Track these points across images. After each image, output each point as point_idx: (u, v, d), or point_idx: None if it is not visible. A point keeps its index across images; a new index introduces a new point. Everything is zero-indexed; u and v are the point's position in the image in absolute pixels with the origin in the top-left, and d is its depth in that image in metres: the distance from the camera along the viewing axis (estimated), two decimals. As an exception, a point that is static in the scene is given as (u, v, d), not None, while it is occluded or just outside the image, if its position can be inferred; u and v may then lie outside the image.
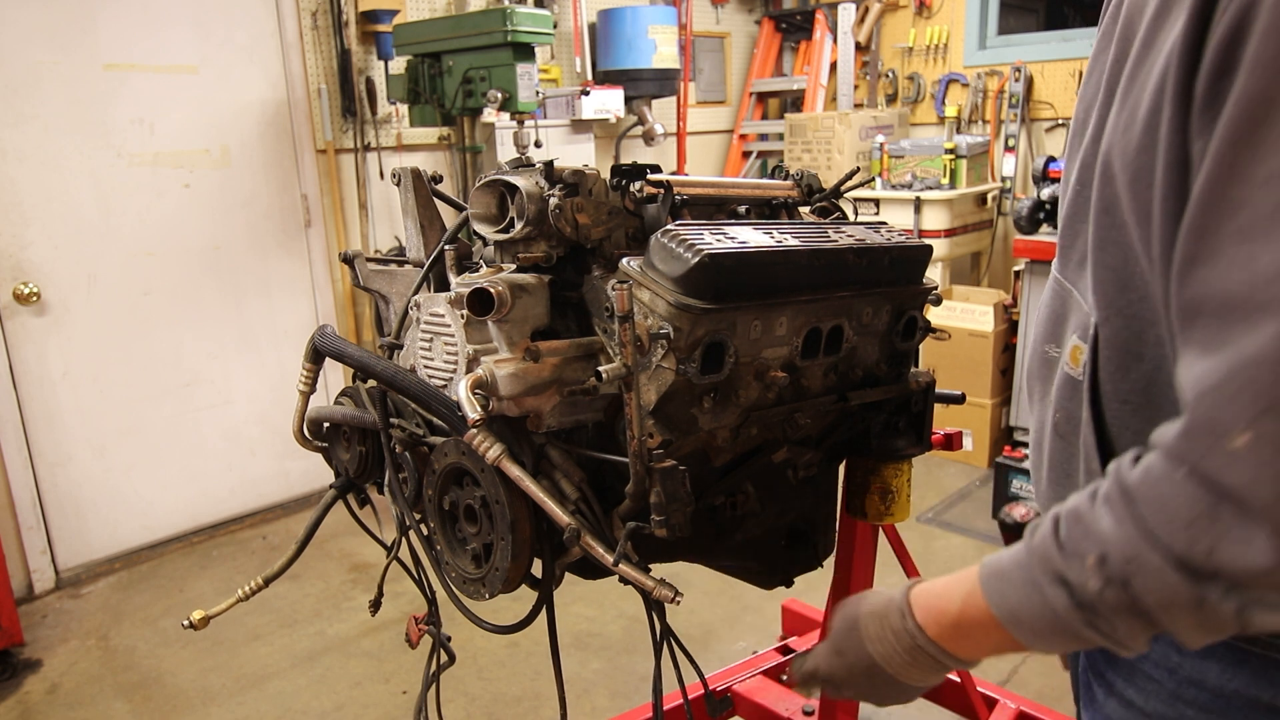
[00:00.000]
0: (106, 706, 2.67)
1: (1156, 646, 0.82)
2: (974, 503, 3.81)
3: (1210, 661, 0.78)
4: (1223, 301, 0.58)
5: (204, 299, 3.69)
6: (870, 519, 1.48)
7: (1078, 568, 0.65)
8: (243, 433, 3.88)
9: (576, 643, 2.86)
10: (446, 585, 1.29)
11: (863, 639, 0.85)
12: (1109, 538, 0.63)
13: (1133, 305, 0.76)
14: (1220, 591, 0.58)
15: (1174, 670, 0.80)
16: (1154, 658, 0.82)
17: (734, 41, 5.63)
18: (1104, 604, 0.64)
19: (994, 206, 4.81)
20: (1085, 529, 0.65)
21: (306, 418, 1.48)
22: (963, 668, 0.81)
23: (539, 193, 1.15)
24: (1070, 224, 0.86)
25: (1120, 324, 0.78)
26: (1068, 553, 0.66)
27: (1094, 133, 0.79)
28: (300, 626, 3.05)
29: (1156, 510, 0.60)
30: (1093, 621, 0.66)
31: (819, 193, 1.49)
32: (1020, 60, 4.73)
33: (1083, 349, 0.83)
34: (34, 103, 3.18)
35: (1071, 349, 0.85)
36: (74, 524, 3.44)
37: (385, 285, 1.48)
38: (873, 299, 1.22)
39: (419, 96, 3.57)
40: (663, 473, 1.00)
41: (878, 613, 0.84)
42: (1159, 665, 0.82)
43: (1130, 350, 0.77)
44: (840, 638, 0.88)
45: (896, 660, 0.83)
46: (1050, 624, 0.68)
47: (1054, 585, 0.67)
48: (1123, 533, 0.62)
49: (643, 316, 1.05)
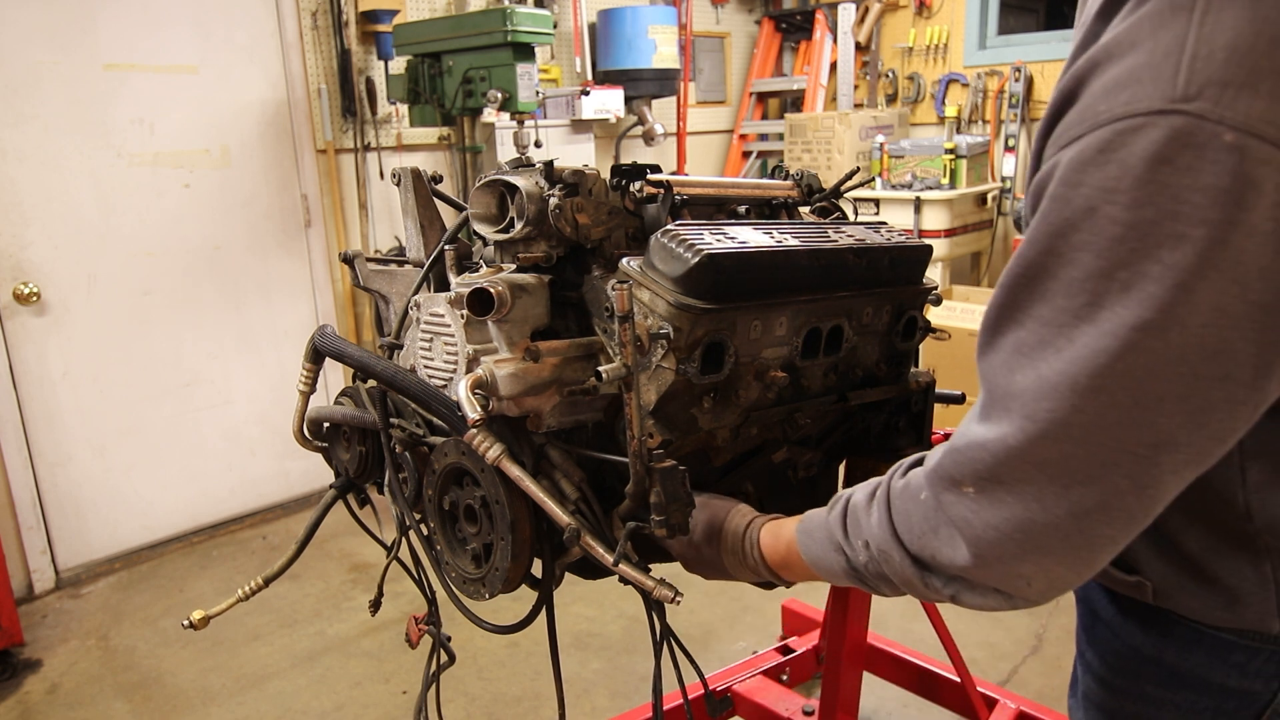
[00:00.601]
0: (106, 706, 2.67)
1: (1125, 625, 0.94)
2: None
3: (1168, 642, 0.90)
4: (990, 388, 0.73)
5: (204, 299, 3.69)
6: (870, 519, 1.47)
7: (851, 545, 0.87)
8: (243, 433, 3.88)
9: (576, 643, 2.86)
10: (446, 585, 1.29)
11: (720, 549, 1.07)
12: (873, 532, 0.84)
13: None
14: (940, 580, 0.80)
15: (1137, 649, 0.93)
16: (1123, 636, 0.94)
17: (734, 41, 5.63)
18: (867, 572, 0.86)
19: (994, 206, 4.81)
20: (859, 520, 0.86)
21: (306, 418, 1.48)
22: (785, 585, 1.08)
23: (539, 193, 1.15)
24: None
25: None
26: (847, 533, 0.88)
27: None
28: (300, 626, 3.05)
29: (903, 519, 0.81)
30: (861, 579, 0.88)
31: (819, 193, 1.49)
32: (1020, 60, 4.73)
33: None
34: (34, 103, 3.18)
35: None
36: (74, 524, 3.44)
37: (385, 285, 1.48)
38: (873, 299, 1.22)
39: (419, 96, 3.57)
40: (663, 473, 1.00)
41: (736, 533, 1.06)
42: (1126, 644, 0.94)
43: None
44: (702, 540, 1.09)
45: (739, 571, 1.08)
46: (838, 573, 0.91)
47: (836, 551, 0.89)
48: (881, 531, 0.83)
49: (643, 316, 1.05)
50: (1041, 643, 2.77)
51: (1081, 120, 0.66)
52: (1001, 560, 0.73)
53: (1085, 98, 0.67)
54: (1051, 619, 2.89)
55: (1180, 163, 0.60)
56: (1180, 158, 0.60)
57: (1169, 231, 0.61)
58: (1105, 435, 0.66)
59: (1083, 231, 0.65)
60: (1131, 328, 0.63)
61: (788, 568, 1.01)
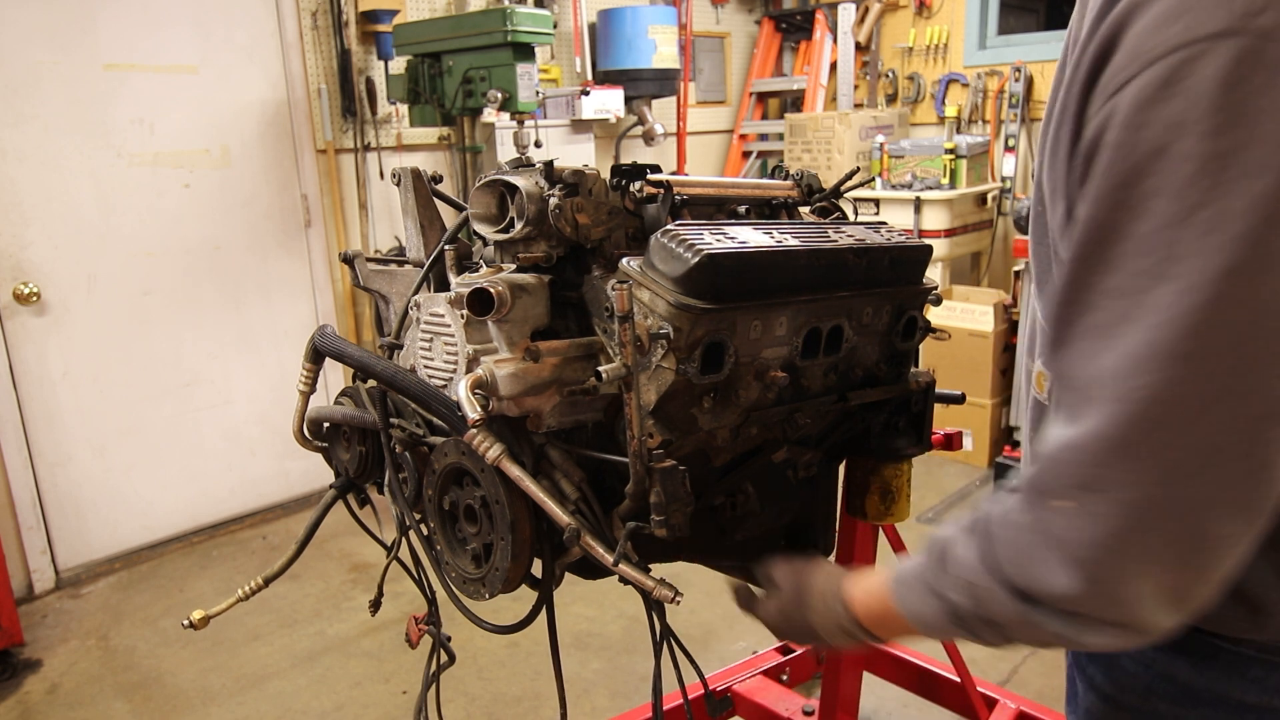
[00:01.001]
0: (106, 706, 2.67)
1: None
2: (974, 503, 3.81)
3: (1181, 657, 0.82)
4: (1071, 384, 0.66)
5: (204, 299, 3.69)
6: (870, 519, 1.48)
7: (950, 588, 0.77)
8: (243, 433, 3.88)
9: (576, 643, 2.86)
10: (446, 585, 1.29)
11: (808, 612, 1.01)
12: (971, 567, 0.74)
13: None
14: (1044, 614, 0.69)
15: (1149, 665, 0.85)
16: (1132, 652, 0.87)
17: (734, 41, 5.63)
18: (970, 618, 0.76)
19: (994, 206, 4.81)
20: (955, 558, 0.77)
21: (306, 418, 1.48)
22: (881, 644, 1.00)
23: (539, 193, 1.15)
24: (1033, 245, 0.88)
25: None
26: (946, 574, 0.78)
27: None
28: (300, 626, 3.05)
29: (1004, 548, 0.71)
30: (966, 627, 0.78)
31: (819, 193, 1.49)
32: (1020, 60, 4.73)
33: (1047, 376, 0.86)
34: (34, 103, 3.18)
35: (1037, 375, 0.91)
36: (74, 524, 3.44)
37: (385, 285, 1.48)
38: (873, 299, 1.22)
39: (419, 96, 3.57)
40: (663, 473, 1.00)
41: (825, 594, 0.99)
42: (1135, 659, 0.87)
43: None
44: (790, 606, 1.04)
45: (832, 633, 0.99)
46: (939, 625, 0.80)
47: (934, 598, 0.79)
48: (979, 565, 0.73)
49: (643, 316, 1.05)
50: (1041, 643, 2.77)
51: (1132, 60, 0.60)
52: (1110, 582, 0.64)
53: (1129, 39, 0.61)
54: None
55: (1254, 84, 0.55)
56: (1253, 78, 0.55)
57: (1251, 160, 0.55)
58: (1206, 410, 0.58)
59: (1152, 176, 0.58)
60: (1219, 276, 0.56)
61: (884, 625, 0.92)
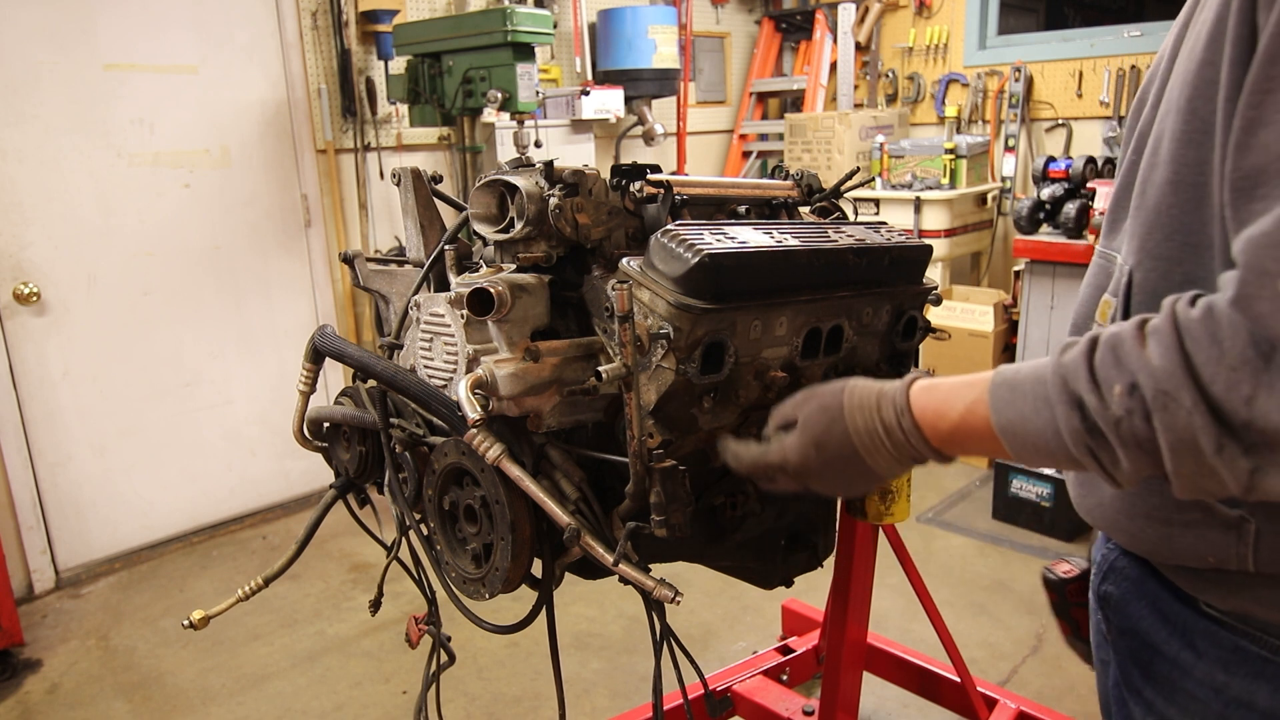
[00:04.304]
0: (106, 706, 2.67)
1: (1201, 665, 0.80)
2: (974, 503, 3.81)
3: (1261, 682, 0.75)
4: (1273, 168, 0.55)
5: (204, 299, 3.69)
6: (870, 519, 1.48)
7: (1101, 393, 0.63)
8: (243, 433, 3.88)
9: (576, 643, 2.86)
10: (446, 585, 1.29)
11: (849, 431, 0.83)
12: (1148, 368, 0.60)
13: (1160, 246, 0.77)
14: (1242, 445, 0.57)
15: (1220, 690, 0.78)
16: (1198, 676, 0.80)
17: (734, 41, 5.63)
18: (1119, 433, 0.62)
19: (994, 206, 4.81)
20: (1122, 356, 0.63)
21: (306, 418, 1.48)
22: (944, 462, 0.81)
23: (539, 193, 1.15)
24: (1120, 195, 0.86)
25: (1150, 265, 0.78)
26: (1097, 377, 0.64)
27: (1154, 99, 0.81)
28: (300, 626, 3.05)
29: (1206, 347, 0.58)
30: (1096, 448, 0.65)
31: (819, 193, 1.49)
32: (1020, 60, 4.73)
33: (1112, 303, 0.82)
34: (34, 103, 3.18)
35: (1101, 306, 0.84)
36: (74, 524, 3.44)
37: (385, 285, 1.48)
38: (873, 299, 1.22)
39: (419, 96, 3.57)
40: (663, 473, 1.00)
41: (867, 406, 0.82)
42: (1204, 684, 0.80)
43: (1157, 293, 0.75)
44: (820, 429, 0.85)
45: (881, 454, 0.82)
46: (1048, 442, 0.67)
47: (1068, 406, 0.65)
48: (1165, 365, 0.59)
49: (643, 316, 1.05)
50: (1041, 643, 2.77)
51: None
52: None
53: None
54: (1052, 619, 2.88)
55: None
56: None
57: None
58: None
59: None
60: None
61: (956, 439, 0.77)
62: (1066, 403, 0.66)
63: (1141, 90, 0.87)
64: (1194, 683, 0.81)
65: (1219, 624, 0.79)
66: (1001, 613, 2.95)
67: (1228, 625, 0.78)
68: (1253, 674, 0.76)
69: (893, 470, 0.83)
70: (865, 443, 0.82)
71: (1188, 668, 0.81)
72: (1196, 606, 0.81)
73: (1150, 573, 0.88)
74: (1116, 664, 0.92)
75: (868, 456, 0.82)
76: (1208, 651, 0.79)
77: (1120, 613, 0.91)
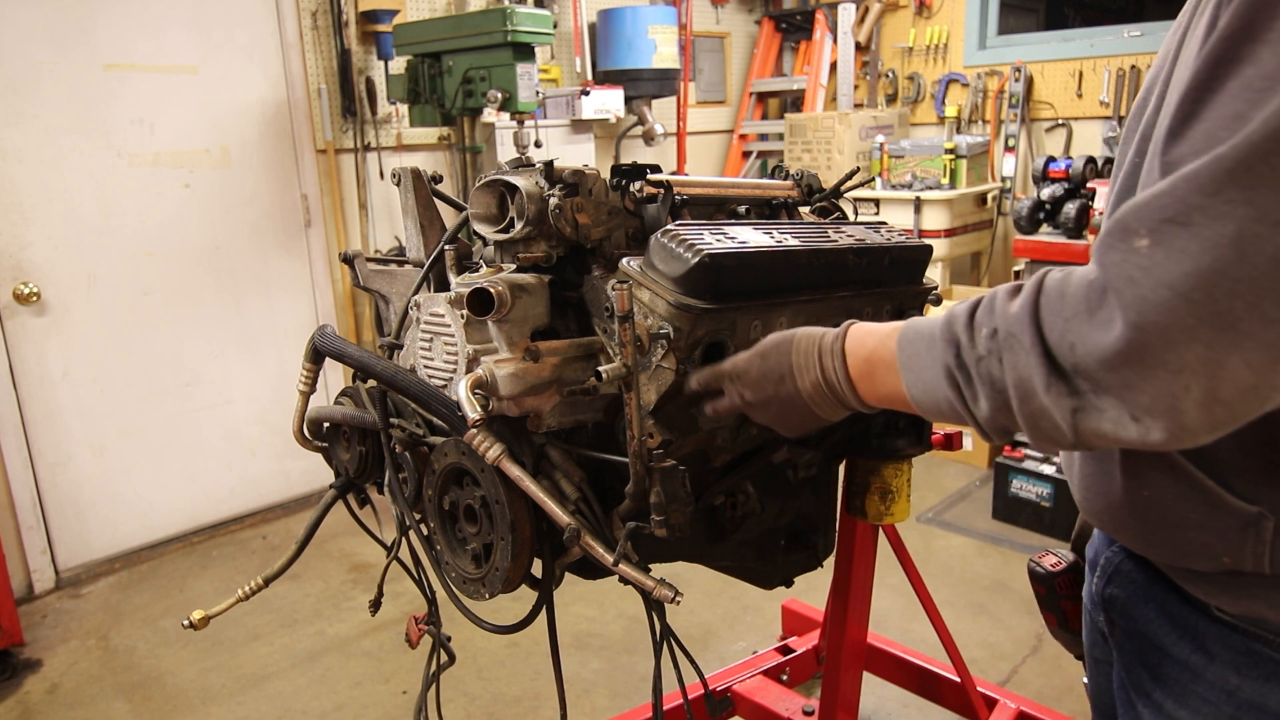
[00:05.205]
0: (106, 706, 2.67)
1: (1212, 668, 0.80)
2: (974, 503, 3.81)
3: (1274, 685, 0.76)
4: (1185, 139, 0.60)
5: (204, 299, 3.69)
6: (870, 519, 1.48)
7: (970, 334, 0.72)
8: (243, 433, 3.88)
9: (576, 643, 2.86)
10: (446, 585, 1.29)
11: (791, 350, 0.92)
12: (1007, 315, 0.69)
13: None
14: (1068, 387, 0.64)
15: (1232, 693, 0.79)
16: (1209, 679, 0.80)
17: (734, 41, 5.63)
18: (979, 370, 0.70)
19: (994, 206, 4.81)
20: (995, 306, 0.71)
21: (306, 418, 1.48)
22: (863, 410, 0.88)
23: (539, 193, 1.15)
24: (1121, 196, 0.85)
25: None
26: (973, 321, 0.72)
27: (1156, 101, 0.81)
28: (300, 626, 3.05)
29: (1054, 300, 0.66)
30: (962, 383, 0.72)
31: (819, 193, 1.49)
32: (1020, 60, 4.73)
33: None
34: (34, 103, 3.18)
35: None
36: (74, 524, 3.44)
37: (385, 285, 1.48)
38: (873, 299, 1.22)
39: (419, 96, 3.57)
40: (663, 473, 1.00)
41: (812, 335, 0.91)
42: (1215, 687, 0.80)
43: None
44: (769, 345, 0.95)
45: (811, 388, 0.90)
46: (931, 379, 0.75)
47: (946, 344, 0.74)
48: (1018, 313, 0.68)
49: (643, 316, 1.05)
50: (1041, 643, 2.77)
51: None
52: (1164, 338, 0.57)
53: None
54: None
55: None
56: None
57: None
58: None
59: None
60: None
61: (869, 375, 0.85)
62: (945, 340, 0.74)
63: (1143, 91, 0.87)
64: (1205, 685, 0.81)
65: (1231, 628, 0.80)
66: (1001, 613, 2.95)
67: (1240, 629, 0.79)
68: (1265, 677, 0.77)
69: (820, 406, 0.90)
70: (799, 361, 0.91)
71: (1199, 670, 0.82)
72: (1207, 610, 0.81)
73: (1157, 576, 0.88)
74: (1122, 666, 0.92)
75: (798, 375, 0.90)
76: (1220, 654, 0.80)
77: (1127, 615, 0.91)
